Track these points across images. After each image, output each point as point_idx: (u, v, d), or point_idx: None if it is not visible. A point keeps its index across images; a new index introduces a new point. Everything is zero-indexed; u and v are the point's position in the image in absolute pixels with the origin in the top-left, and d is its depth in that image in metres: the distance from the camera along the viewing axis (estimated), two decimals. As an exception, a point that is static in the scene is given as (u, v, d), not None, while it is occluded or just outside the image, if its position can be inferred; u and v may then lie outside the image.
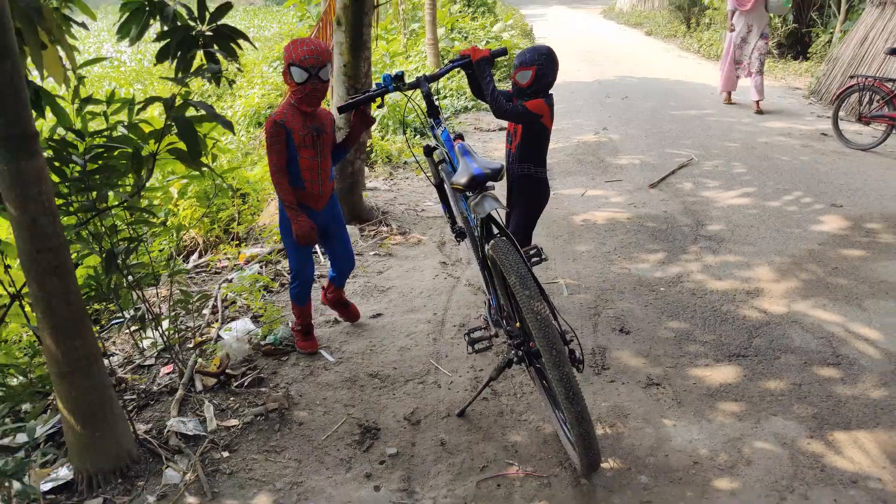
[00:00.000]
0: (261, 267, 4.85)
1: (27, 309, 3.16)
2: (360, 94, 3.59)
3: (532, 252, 3.51)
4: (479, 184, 2.75)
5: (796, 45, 14.51)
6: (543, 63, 3.67)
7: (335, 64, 4.93)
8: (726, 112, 9.79)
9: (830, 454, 2.96)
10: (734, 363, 3.65)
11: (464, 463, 2.96)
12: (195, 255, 5.42)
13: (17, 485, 2.40)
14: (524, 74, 3.67)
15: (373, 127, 8.45)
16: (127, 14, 3.48)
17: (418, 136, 8.51)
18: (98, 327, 4.17)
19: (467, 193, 2.89)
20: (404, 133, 8.28)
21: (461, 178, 2.79)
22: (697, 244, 5.17)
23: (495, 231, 2.90)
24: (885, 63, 9.06)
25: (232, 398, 3.41)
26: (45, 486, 2.85)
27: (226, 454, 3.02)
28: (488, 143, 8.63)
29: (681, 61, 15.06)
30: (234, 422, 3.21)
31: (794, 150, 7.69)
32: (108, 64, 15.33)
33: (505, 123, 9.45)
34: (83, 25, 3.84)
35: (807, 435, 3.08)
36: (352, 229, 5.31)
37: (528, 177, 3.90)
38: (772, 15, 14.32)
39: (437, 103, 3.49)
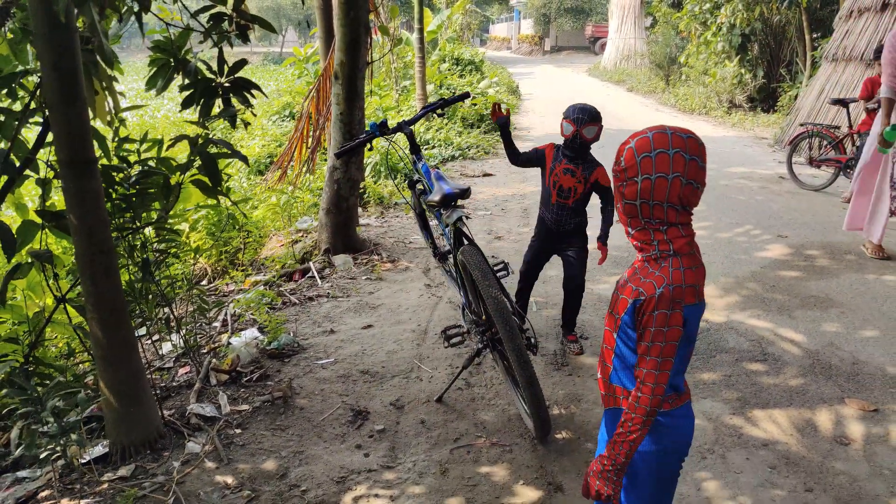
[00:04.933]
0: (265, 288, 5.45)
1: (70, 310, 3.75)
2: (352, 140, 4.24)
3: (499, 266, 4.15)
4: (449, 200, 3.40)
5: (767, 100, 15.47)
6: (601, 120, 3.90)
7: (333, 112, 5.63)
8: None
9: (748, 426, 3.53)
10: (676, 361, 4.23)
11: (440, 436, 3.52)
12: (204, 282, 6.02)
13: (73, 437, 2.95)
14: (591, 130, 3.81)
15: (366, 172, 9.17)
16: (155, 69, 4.18)
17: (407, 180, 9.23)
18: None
19: (441, 210, 3.54)
20: (394, 179, 8.97)
21: (435, 196, 3.44)
22: (655, 268, 5.80)
23: (465, 242, 3.54)
24: (839, 112, 9.88)
25: (242, 390, 3.97)
26: (86, 458, 3.39)
27: (238, 431, 3.57)
28: (473, 187, 9.32)
29: (657, 114, 15.97)
30: (244, 407, 3.77)
31: (752, 191, 8.41)
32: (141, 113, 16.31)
33: (489, 169, 10.21)
34: (114, 79, 4.56)
35: (730, 412, 3.66)
36: (346, 257, 5.93)
37: (582, 224, 4.12)
38: (743, 70, 15.38)
39: (417, 142, 4.16)
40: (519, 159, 4.19)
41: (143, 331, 4.77)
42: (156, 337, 4.60)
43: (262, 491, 3.14)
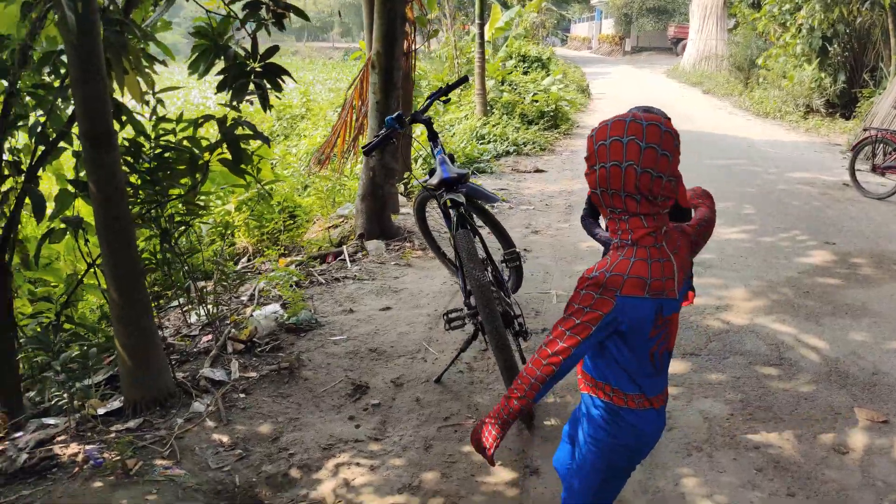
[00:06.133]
0: (296, 267, 5.66)
1: (99, 274, 4.02)
2: (377, 138, 4.31)
3: (512, 255, 4.20)
4: (446, 183, 3.48)
5: (848, 106, 14.76)
6: None
7: (370, 101, 5.79)
8: (756, 162, 10.23)
9: (744, 428, 3.46)
10: (686, 360, 4.18)
11: (431, 414, 3.61)
12: (244, 259, 6.30)
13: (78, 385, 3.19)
14: None
15: (417, 164, 9.32)
16: (197, 54, 4.41)
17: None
18: (157, 305, 5.04)
19: (441, 191, 3.62)
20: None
21: (434, 180, 3.53)
22: (686, 269, 5.70)
23: (464, 227, 3.60)
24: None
25: (254, 359, 4.16)
26: (101, 412, 3.64)
27: (242, 396, 3.75)
28: (522, 182, 9.34)
29: (730, 117, 15.50)
30: (252, 374, 3.96)
31: (810, 197, 8.10)
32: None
33: (542, 165, 10.19)
34: (163, 63, 4.83)
35: (728, 413, 3.59)
36: (378, 243, 6.08)
37: None
38: (823, 74, 14.72)
39: (434, 129, 4.24)
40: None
41: (175, 302, 5.06)
42: (185, 308, 4.86)
43: (253, 451, 3.31)
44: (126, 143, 3.81)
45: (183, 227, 4.08)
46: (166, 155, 3.97)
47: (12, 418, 3.75)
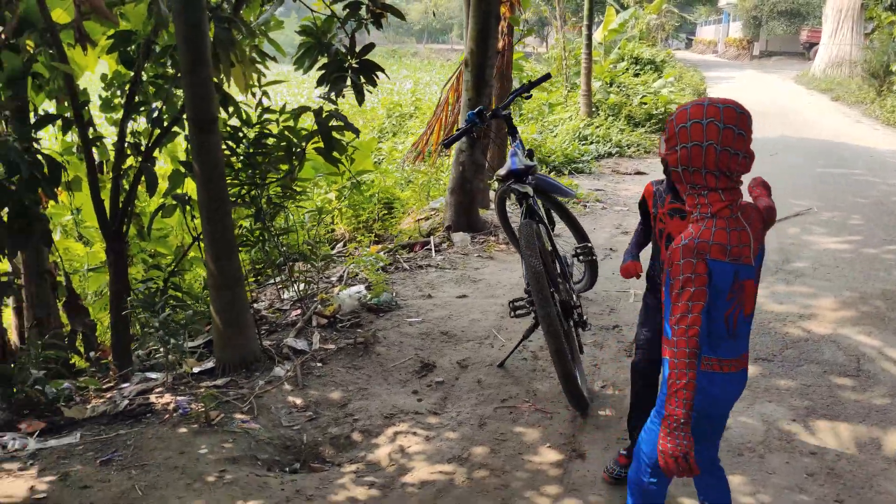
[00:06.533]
0: (385, 254, 5.97)
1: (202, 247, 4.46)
2: (457, 132, 4.53)
3: (585, 250, 4.29)
4: (514, 174, 3.64)
5: None
6: None
7: (462, 98, 6.01)
8: (875, 172, 9.66)
9: (803, 434, 3.41)
10: (757, 364, 4.12)
11: (490, 395, 3.78)
12: (340, 245, 6.70)
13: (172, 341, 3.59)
14: None
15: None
16: (302, 51, 4.78)
17: (553, 171, 9.41)
18: (256, 281, 5.50)
19: (509, 182, 3.78)
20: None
21: (502, 171, 3.70)
22: (774, 276, 5.55)
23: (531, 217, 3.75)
24: None
25: (335, 333, 4.48)
26: (196, 370, 4.06)
27: (319, 365, 4.07)
28: (620, 183, 9.30)
29: (856, 126, 14.62)
30: (331, 346, 4.27)
31: (930, 210, 7.60)
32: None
33: (644, 167, 10.07)
34: (274, 59, 5.24)
35: (790, 419, 3.54)
36: (464, 235, 6.30)
37: None
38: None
39: (513, 125, 4.39)
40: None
41: (273, 280, 5.49)
42: (281, 285, 5.26)
43: (322, 414, 3.61)
44: (229, 130, 4.21)
45: (276, 209, 4.44)
46: (264, 141, 4.34)
47: (122, 371, 4.25)
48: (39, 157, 2.97)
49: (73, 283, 4.96)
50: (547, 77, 4.63)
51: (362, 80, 4.77)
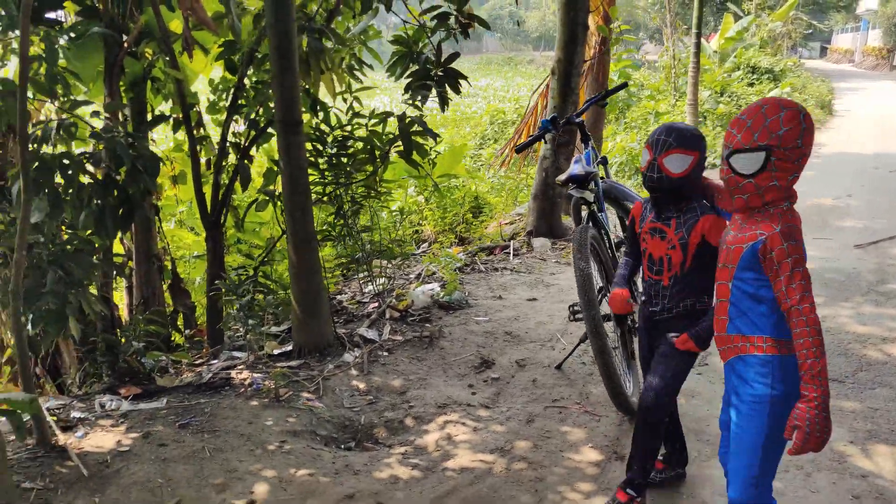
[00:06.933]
0: (465, 255, 6.19)
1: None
2: (530, 137, 4.66)
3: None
4: (574, 180, 3.75)
5: None
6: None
7: (548, 106, 6.12)
8: None
9: (858, 456, 3.32)
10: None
11: (542, 394, 3.90)
12: (425, 245, 6.98)
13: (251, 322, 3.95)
14: (678, 160, 2.48)
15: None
16: (395, 59, 5.08)
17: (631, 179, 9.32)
18: (342, 274, 5.86)
19: (571, 188, 3.89)
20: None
21: (562, 177, 3.81)
22: (865, 296, 5.31)
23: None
24: None
25: (404, 326, 4.74)
26: (275, 352, 4.42)
27: (385, 354, 4.33)
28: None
29: None
30: (398, 337, 4.53)
31: None
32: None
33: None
34: (370, 66, 5.58)
35: (847, 440, 3.45)
36: (544, 241, 6.41)
37: (692, 309, 2.66)
38: None
39: (586, 132, 4.48)
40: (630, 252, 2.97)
41: (358, 275, 5.82)
42: (364, 280, 5.59)
43: (381, 399, 3.86)
44: (313, 131, 4.56)
45: (357, 207, 4.75)
46: (348, 143, 4.66)
47: (213, 349, 4.69)
48: (141, 151, 3.39)
49: (179, 268, 5.49)
50: (623, 86, 4.69)
51: (446, 87, 5.01)
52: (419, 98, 4.91)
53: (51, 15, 4.10)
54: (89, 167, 3.62)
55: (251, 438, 3.36)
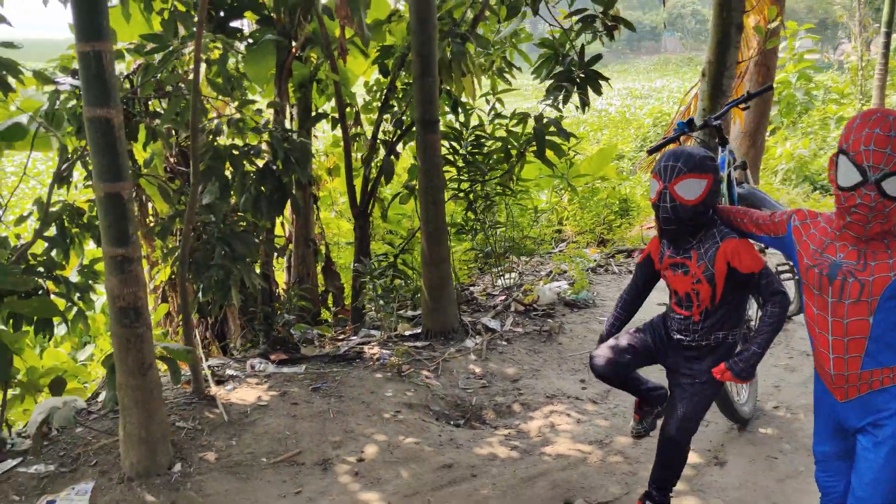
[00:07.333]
0: (600, 257, 6.25)
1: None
2: (663, 139, 4.61)
3: (789, 268, 4.18)
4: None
5: None
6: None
7: (697, 108, 6.00)
8: None
9: None
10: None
11: (652, 395, 3.94)
12: (563, 244, 7.10)
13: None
14: (691, 185, 2.35)
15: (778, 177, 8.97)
16: (541, 61, 5.28)
17: (818, 191, 8.73)
18: (479, 268, 6.16)
19: None
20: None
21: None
22: None
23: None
24: None
25: (527, 319, 4.93)
26: (406, 333, 4.79)
27: (504, 343, 4.56)
28: None
29: None
30: (519, 329, 4.74)
31: None
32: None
33: None
34: (519, 68, 5.83)
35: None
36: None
37: (723, 342, 2.58)
38: None
39: (724, 135, 4.41)
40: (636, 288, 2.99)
41: (494, 269, 6.09)
42: (498, 274, 5.85)
43: (494, 384, 4.10)
44: (451, 131, 4.87)
45: (490, 203, 5.01)
46: (483, 142, 4.93)
47: (354, 326, 5.17)
48: (294, 144, 3.87)
49: (332, 252, 6.05)
50: (768, 88, 4.54)
51: (588, 89, 5.12)
52: (562, 99, 5.05)
53: (234, 24, 4.73)
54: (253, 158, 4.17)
55: (370, 406, 3.73)
